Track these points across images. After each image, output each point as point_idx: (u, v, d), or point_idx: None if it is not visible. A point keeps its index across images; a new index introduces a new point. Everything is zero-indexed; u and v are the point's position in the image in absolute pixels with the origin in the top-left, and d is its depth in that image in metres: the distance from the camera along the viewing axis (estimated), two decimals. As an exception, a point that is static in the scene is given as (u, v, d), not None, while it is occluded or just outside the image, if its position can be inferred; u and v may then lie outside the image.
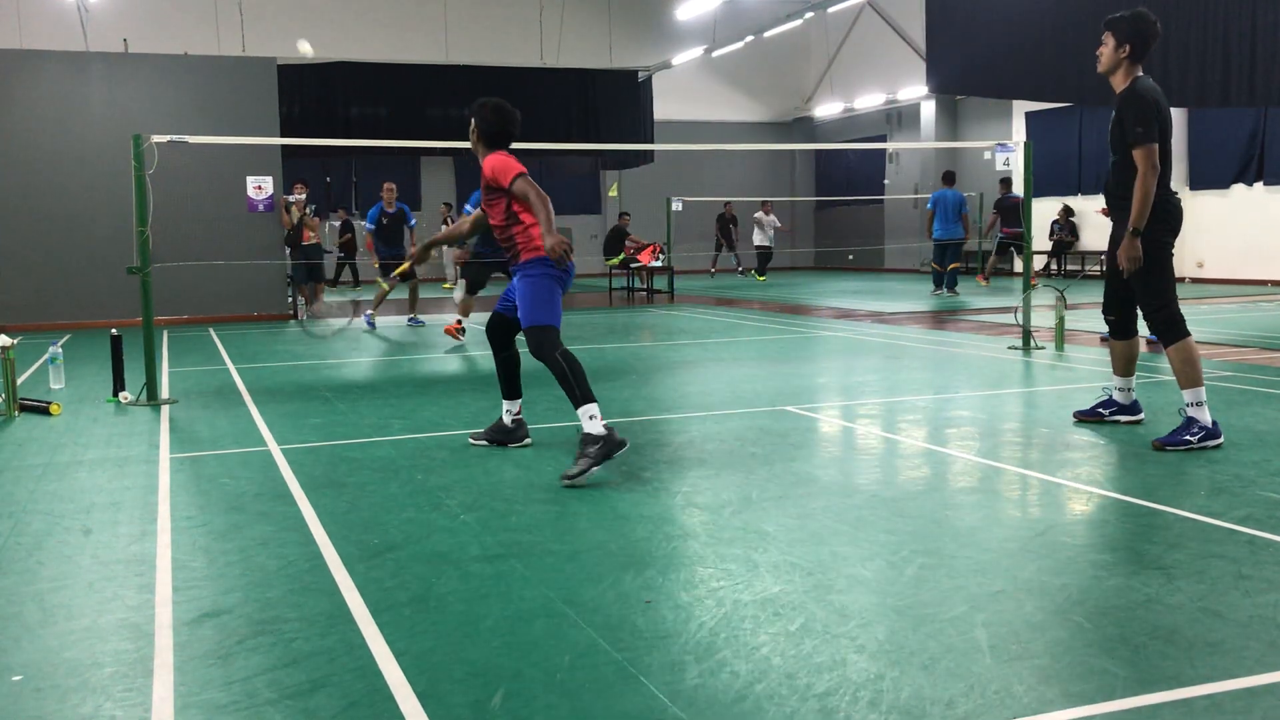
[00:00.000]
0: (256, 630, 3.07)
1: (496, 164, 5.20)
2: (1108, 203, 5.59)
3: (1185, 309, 5.30)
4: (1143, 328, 5.65)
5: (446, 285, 21.27)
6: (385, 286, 11.09)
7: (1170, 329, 5.29)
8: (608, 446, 4.84)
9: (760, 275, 23.26)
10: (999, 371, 8.22)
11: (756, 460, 5.22)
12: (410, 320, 13.32)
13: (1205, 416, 5.22)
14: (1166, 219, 5.30)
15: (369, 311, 13.06)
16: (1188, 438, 5.17)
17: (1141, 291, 5.37)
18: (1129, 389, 5.84)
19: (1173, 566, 3.48)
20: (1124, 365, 5.79)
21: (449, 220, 21.50)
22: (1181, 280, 19.70)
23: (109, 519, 4.35)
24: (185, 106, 14.16)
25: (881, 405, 6.93)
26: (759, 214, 23.53)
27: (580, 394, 4.97)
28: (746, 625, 3.04)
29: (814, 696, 2.57)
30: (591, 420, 4.89)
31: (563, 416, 6.49)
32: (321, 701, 2.60)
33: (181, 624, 3.14)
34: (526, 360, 5.46)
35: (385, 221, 13.59)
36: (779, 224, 24.00)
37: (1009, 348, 9.41)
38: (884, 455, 5.46)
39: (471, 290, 11.36)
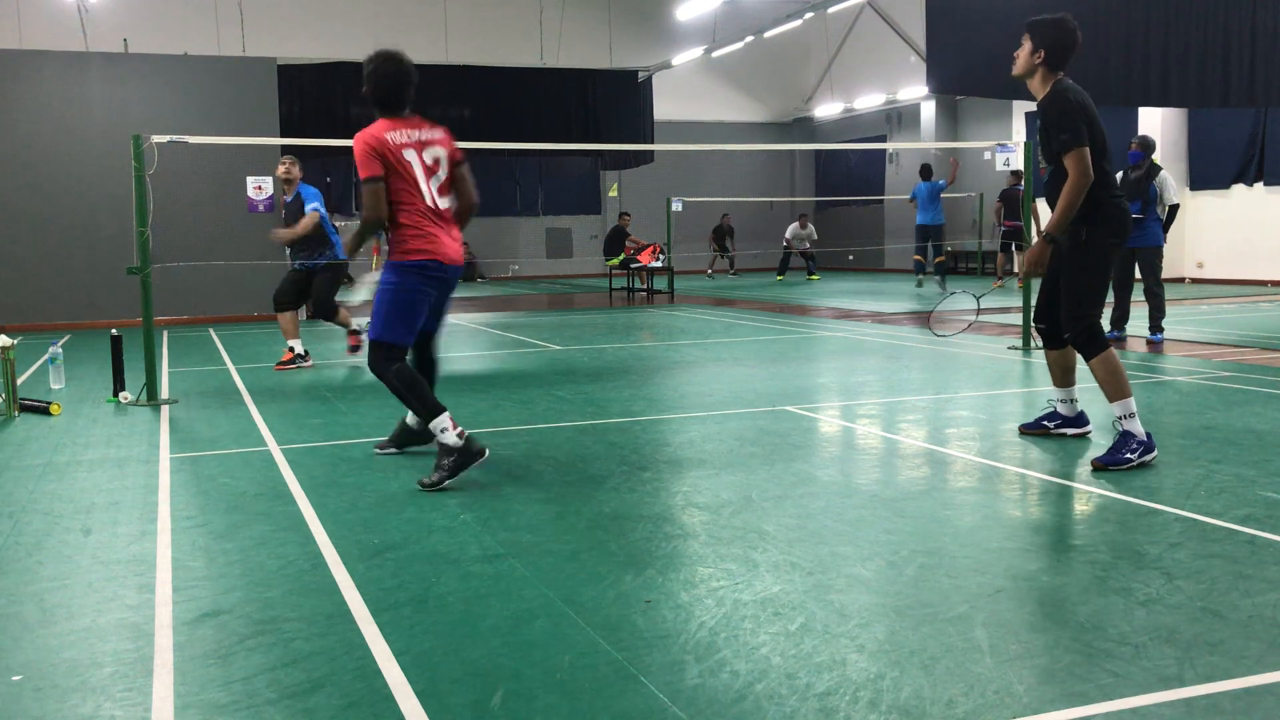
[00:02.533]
0: (256, 630, 3.07)
1: (359, 153, 5.20)
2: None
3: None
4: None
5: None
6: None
7: (1090, 341, 4.98)
8: (463, 458, 4.71)
9: (780, 275, 23.27)
10: (998, 372, 8.22)
11: (756, 460, 5.22)
12: None
13: (1139, 429, 4.89)
14: (1111, 222, 4.99)
15: None
16: (1127, 455, 4.86)
17: (1067, 292, 5.03)
18: (1071, 399, 5.51)
19: (1173, 566, 3.48)
20: (1061, 375, 5.44)
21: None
22: (1181, 280, 19.83)
23: (109, 519, 4.35)
24: (185, 106, 14.16)
25: (881, 405, 6.93)
26: (794, 226, 23.53)
27: (425, 408, 4.80)
28: (746, 625, 3.04)
29: (814, 696, 2.57)
30: (444, 433, 4.72)
31: (562, 416, 6.50)
32: (321, 701, 2.60)
33: (181, 624, 3.14)
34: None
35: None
36: (815, 236, 24.01)
37: (1009, 348, 9.41)
38: (884, 455, 5.46)
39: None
